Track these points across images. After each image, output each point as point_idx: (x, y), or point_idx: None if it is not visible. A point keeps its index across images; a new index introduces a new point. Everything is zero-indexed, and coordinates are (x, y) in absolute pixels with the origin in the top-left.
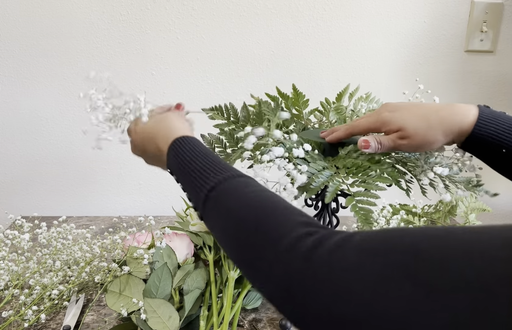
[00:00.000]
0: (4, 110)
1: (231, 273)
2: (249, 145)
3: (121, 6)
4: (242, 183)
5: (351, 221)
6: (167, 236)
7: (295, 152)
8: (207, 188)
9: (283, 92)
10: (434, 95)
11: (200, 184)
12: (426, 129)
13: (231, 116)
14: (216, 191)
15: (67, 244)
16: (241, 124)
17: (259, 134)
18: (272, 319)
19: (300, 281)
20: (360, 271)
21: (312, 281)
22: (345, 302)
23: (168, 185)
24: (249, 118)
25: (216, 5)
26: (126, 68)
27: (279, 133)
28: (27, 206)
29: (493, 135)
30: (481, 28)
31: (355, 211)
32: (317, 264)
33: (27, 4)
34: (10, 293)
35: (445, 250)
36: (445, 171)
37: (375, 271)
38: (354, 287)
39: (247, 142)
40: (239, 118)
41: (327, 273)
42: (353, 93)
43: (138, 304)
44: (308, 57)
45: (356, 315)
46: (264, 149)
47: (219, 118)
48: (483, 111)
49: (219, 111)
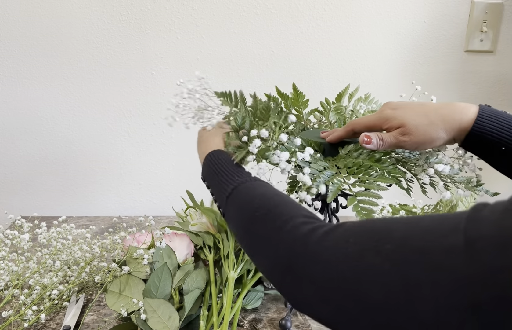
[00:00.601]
0: (4, 110)
1: (231, 273)
2: (254, 149)
3: (121, 6)
4: (259, 184)
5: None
6: (167, 236)
7: (299, 155)
8: (231, 187)
9: (282, 92)
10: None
11: (225, 185)
12: (427, 125)
13: (239, 104)
14: (237, 190)
15: (67, 244)
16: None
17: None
18: (272, 319)
19: (297, 256)
20: (341, 249)
21: (307, 256)
22: (328, 271)
23: (168, 185)
24: (256, 109)
25: (216, 5)
26: (126, 68)
27: (285, 137)
28: (27, 206)
29: (493, 133)
30: (481, 28)
31: (357, 211)
32: (311, 244)
33: (27, 4)
34: (10, 293)
35: (407, 231)
36: (446, 168)
37: (351, 249)
38: (336, 261)
39: (252, 146)
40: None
41: (318, 251)
42: (352, 93)
43: (138, 304)
44: (308, 57)
45: (337, 280)
46: (269, 154)
47: (227, 105)
48: (483, 109)
49: (229, 97)
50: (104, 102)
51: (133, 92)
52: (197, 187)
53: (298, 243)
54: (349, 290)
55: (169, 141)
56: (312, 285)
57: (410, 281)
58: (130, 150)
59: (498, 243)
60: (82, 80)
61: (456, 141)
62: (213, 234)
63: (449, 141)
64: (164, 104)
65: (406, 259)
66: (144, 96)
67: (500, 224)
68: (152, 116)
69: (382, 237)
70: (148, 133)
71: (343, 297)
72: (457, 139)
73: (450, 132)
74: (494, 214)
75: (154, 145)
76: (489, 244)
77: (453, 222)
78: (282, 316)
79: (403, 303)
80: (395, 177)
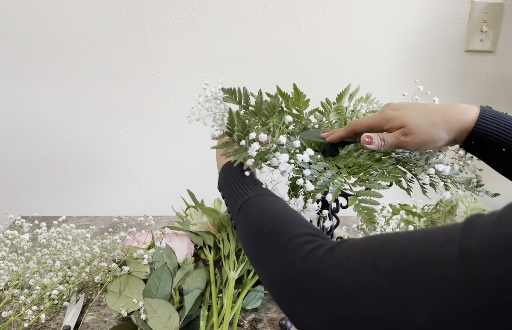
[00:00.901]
0: (4, 110)
1: (232, 273)
2: (253, 152)
3: (121, 6)
4: (269, 199)
5: (351, 221)
6: (167, 236)
7: (299, 157)
8: (241, 201)
9: (284, 92)
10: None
11: (237, 198)
12: (429, 125)
13: (242, 101)
14: (247, 203)
15: (67, 244)
16: (252, 111)
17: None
18: (272, 319)
19: (300, 273)
20: (343, 266)
21: (309, 274)
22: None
23: (168, 185)
24: (261, 106)
25: (216, 5)
26: (126, 68)
27: (284, 139)
28: (27, 206)
29: (494, 134)
30: (481, 28)
31: (358, 210)
32: (313, 262)
33: (27, 4)
34: (10, 293)
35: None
36: (446, 169)
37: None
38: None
39: (251, 149)
40: (249, 104)
41: (320, 268)
42: (353, 93)
43: (138, 304)
44: (308, 57)
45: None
46: (269, 156)
47: (232, 102)
48: (484, 110)
49: (233, 94)
50: (104, 102)
51: (133, 92)
52: (197, 187)
53: (301, 261)
54: (350, 304)
55: (169, 141)
56: (314, 300)
57: (406, 292)
58: (130, 150)
59: (492, 253)
60: (82, 80)
61: (457, 142)
62: (214, 234)
63: (450, 142)
64: (164, 104)
65: (402, 271)
66: (144, 96)
67: (493, 234)
68: (152, 116)
69: (380, 253)
70: (148, 133)
71: (344, 311)
72: (458, 140)
73: (451, 133)
74: (487, 224)
75: (154, 145)
76: (483, 254)
77: (448, 233)
78: (282, 316)
79: (401, 316)
80: (395, 176)
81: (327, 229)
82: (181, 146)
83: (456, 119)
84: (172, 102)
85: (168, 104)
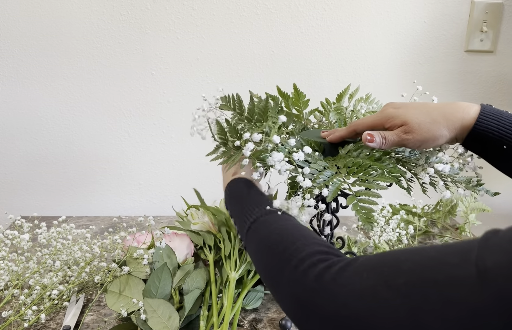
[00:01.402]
0: (4, 110)
1: (232, 273)
2: (247, 152)
3: (121, 6)
4: (277, 217)
5: (351, 221)
6: (167, 236)
7: (295, 156)
8: (250, 221)
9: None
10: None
11: (245, 218)
12: (430, 123)
13: (237, 108)
14: (256, 223)
15: (67, 244)
16: (246, 117)
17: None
18: (272, 319)
19: (313, 295)
20: (356, 286)
21: (323, 295)
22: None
23: (168, 185)
24: (254, 112)
25: (216, 5)
26: (126, 68)
27: (277, 139)
28: (27, 206)
29: (494, 131)
30: (481, 28)
31: (356, 210)
32: (326, 283)
33: (27, 4)
34: (10, 293)
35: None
36: (446, 167)
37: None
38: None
39: (246, 149)
40: (243, 110)
41: (333, 289)
42: (353, 93)
43: (138, 304)
44: (308, 57)
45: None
46: (265, 156)
47: (227, 109)
48: (485, 108)
49: (228, 101)
50: (104, 102)
51: (133, 92)
52: (197, 187)
53: (314, 281)
54: (363, 324)
55: (169, 141)
56: (328, 321)
57: (419, 315)
58: (130, 150)
59: (510, 274)
60: (82, 80)
61: (457, 140)
62: (214, 234)
63: (451, 139)
64: (164, 104)
65: (416, 292)
66: (144, 96)
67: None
68: (152, 116)
69: (392, 271)
70: (148, 133)
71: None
72: (459, 138)
73: (453, 130)
74: (504, 243)
75: (154, 145)
76: (501, 274)
77: (463, 252)
78: (282, 316)
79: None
80: (395, 176)
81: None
82: (181, 146)
83: (457, 117)
84: (172, 102)
85: (168, 104)
